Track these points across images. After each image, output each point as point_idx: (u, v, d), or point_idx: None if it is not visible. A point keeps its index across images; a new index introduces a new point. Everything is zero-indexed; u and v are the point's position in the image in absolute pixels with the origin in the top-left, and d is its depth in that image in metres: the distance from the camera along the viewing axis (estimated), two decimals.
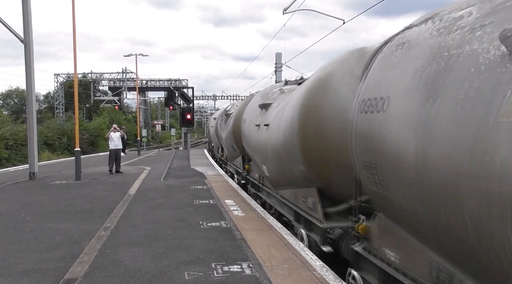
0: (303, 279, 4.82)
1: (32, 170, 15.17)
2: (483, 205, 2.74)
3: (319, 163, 6.42)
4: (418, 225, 3.69)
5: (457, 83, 3.10)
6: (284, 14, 16.34)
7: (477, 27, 3.21)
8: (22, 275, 5.08)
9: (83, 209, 9.30)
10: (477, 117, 2.80)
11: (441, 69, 3.34)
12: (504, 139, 2.55)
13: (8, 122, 32.09)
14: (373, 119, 4.20)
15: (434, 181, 3.19)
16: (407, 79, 3.76)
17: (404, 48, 4.14)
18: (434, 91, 3.32)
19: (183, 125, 38.00)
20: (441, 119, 3.16)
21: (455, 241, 3.19)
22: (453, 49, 3.33)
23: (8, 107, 58.33)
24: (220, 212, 8.73)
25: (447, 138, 3.05)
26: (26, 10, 15.00)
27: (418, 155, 3.39)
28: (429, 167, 3.24)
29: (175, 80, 52.29)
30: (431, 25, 3.92)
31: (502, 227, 2.59)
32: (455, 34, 3.44)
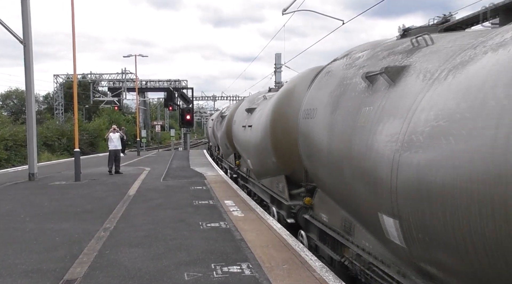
0: (302, 279, 4.82)
1: (31, 170, 15.16)
2: (352, 174, 4.59)
3: (286, 156, 8.13)
4: (332, 192, 5.72)
5: (346, 102, 4.97)
6: (283, 15, 16.35)
7: (361, 67, 4.99)
8: (22, 276, 5.08)
9: (82, 209, 9.30)
10: (352, 122, 4.63)
11: (341, 92, 5.22)
12: (360, 135, 4.36)
13: (7, 123, 32.08)
14: (308, 123, 6.10)
15: (334, 162, 5.13)
16: (326, 98, 5.64)
17: (327, 75, 6.02)
18: (336, 107, 5.21)
19: (183, 126, 38.00)
20: (337, 124, 5.07)
21: (347, 200, 5.13)
22: (348, 80, 5.17)
23: (7, 108, 58.31)
24: (220, 212, 8.73)
25: (339, 135, 4.94)
26: (25, 11, 15.00)
27: (328, 146, 5.34)
28: (332, 153, 5.19)
29: (175, 80, 52.33)
30: (344, 61, 5.80)
31: (362, 187, 4.38)
32: (351, 70, 5.28)
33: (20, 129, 28.20)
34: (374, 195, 4.04)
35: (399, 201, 3.55)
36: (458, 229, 2.90)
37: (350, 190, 4.78)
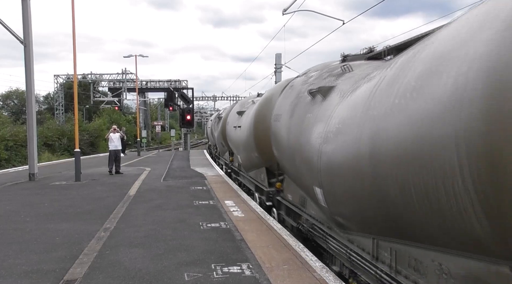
0: (303, 280, 4.81)
1: (32, 171, 15.16)
2: (300, 161, 6.26)
3: (266, 152, 9.37)
4: (292, 176, 7.51)
5: (299, 110, 6.68)
6: (284, 15, 16.36)
7: (311, 84, 6.61)
8: (22, 276, 5.08)
9: (82, 209, 9.30)
10: (300, 125, 6.30)
11: (297, 102, 6.95)
12: (304, 134, 5.99)
13: (8, 123, 32.08)
14: (277, 125, 7.91)
15: (291, 154, 6.84)
16: (288, 106, 7.41)
17: (290, 88, 7.86)
18: (293, 113, 6.95)
19: (183, 126, 37.96)
20: (292, 126, 6.79)
21: (299, 181, 6.82)
22: (301, 93, 6.85)
23: (8, 108, 58.33)
24: (220, 213, 8.73)
25: (293, 134, 6.63)
26: (25, 11, 15.01)
27: (287, 142, 7.08)
28: (290, 148, 6.91)
29: (175, 81, 52.35)
30: (302, 78, 7.59)
31: (305, 170, 6.04)
32: (305, 85, 6.93)
33: (21, 130, 28.22)
34: (311, 174, 5.77)
35: (322, 176, 5.32)
36: (348, 191, 4.69)
37: (300, 173, 6.57)
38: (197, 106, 68.15)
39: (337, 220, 5.49)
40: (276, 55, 26.24)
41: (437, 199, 3.06)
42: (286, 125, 7.25)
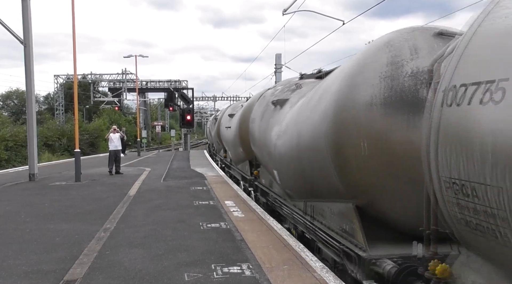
0: (303, 280, 4.81)
1: (32, 171, 15.16)
2: (266, 153, 8.91)
3: (248, 148, 11.51)
4: (263, 165, 10.00)
5: (267, 115, 9.11)
6: (284, 15, 16.36)
7: (276, 96, 9.03)
8: (22, 277, 5.07)
9: (82, 210, 9.30)
10: (266, 126, 8.87)
11: (265, 110, 9.35)
12: (268, 133, 8.59)
13: (8, 123, 32.07)
14: (252, 126, 10.36)
15: (261, 148, 9.43)
16: (260, 112, 9.82)
17: (263, 98, 10.17)
18: (262, 117, 9.41)
19: (183, 127, 37.89)
20: (262, 127, 9.24)
21: (267, 167, 9.45)
22: (269, 103, 9.13)
23: (8, 109, 58.32)
24: (220, 213, 8.73)
25: (263, 133, 9.07)
26: (25, 11, 15.01)
27: (258, 140, 9.67)
28: (260, 143, 9.46)
29: (175, 81, 52.33)
30: (272, 90, 10.03)
31: (268, 158, 8.89)
32: (272, 97, 9.28)
33: (21, 130, 28.21)
34: (271, 161, 8.50)
35: (276, 162, 8.00)
36: (288, 172, 7.45)
37: (266, 161, 9.31)
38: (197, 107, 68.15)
39: (287, 192, 8.18)
40: (276, 56, 26.22)
41: (322, 171, 5.76)
42: (258, 127, 9.78)
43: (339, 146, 5.10)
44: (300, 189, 7.10)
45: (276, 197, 9.17)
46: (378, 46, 5.04)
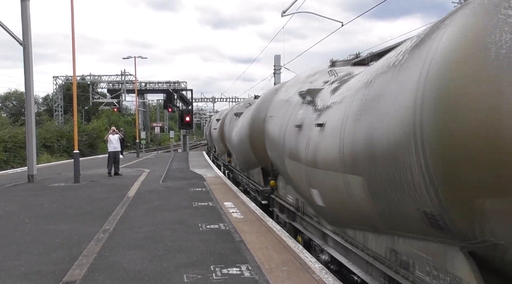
0: (302, 281, 4.82)
1: (30, 172, 15.15)
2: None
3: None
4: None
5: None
6: (283, 16, 16.38)
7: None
8: (21, 278, 5.07)
9: (82, 211, 9.29)
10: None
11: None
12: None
13: (7, 124, 32.06)
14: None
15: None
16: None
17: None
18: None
19: (182, 128, 37.99)
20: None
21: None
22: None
23: (7, 110, 58.33)
24: (219, 214, 8.73)
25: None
26: (25, 12, 15.01)
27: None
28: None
29: (174, 82, 52.32)
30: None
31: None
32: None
33: (20, 131, 28.16)
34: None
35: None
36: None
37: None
38: (196, 108, 68.19)
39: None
40: (275, 57, 26.25)
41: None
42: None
43: None
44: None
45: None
46: None
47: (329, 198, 5.39)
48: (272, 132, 8.27)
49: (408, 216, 3.57)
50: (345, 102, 4.84)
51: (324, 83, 6.57)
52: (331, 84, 6.11)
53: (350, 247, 5.21)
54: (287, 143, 7.02)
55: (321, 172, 5.33)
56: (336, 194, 5.07)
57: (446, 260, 3.31)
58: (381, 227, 4.33)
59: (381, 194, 3.90)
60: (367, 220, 4.52)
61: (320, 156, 5.29)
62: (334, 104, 5.25)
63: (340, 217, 5.45)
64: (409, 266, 3.83)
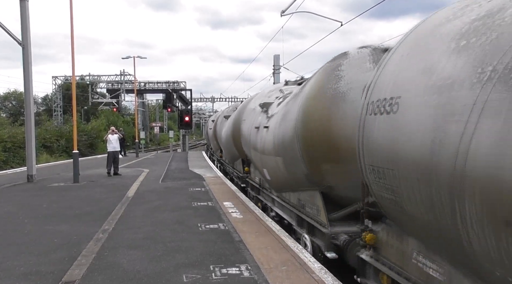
0: (301, 281, 4.82)
1: (30, 172, 15.14)
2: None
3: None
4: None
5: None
6: (282, 16, 16.38)
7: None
8: (20, 278, 5.07)
9: (81, 211, 9.29)
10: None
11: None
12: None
13: (6, 124, 32.03)
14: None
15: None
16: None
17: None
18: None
19: (182, 128, 38.00)
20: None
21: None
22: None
23: (6, 110, 58.26)
24: (219, 214, 8.73)
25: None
26: (24, 13, 15.00)
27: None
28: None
29: (173, 82, 52.29)
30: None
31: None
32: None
33: (19, 131, 28.15)
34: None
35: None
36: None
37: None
38: (195, 108, 68.15)
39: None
40: (275, 57, 26.23)
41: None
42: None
43: None
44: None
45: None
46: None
47: (272, 173, 8.56)
48: (244, 132, 11.19)
49: (299, 178, 6.87)
50: (278, 113, 7.90)
51: (275, 98, 9.43)
52: (279, 99, 8.98)
53: (284, 204, 8.40)
54: (252, 138, 9.95)
55: (266, 157, 8.56)
56: (274, 170, 8.24)
57: (314, 198, 6.58)
58: (292, 187, 7.54)
59: (288, 167, 7.18)
60: (287, 183, 7.78)
61: (266, 147, 8.47)
62: (275, 114, 8.25)
63: (278, 184, 8.61)
64: (305, 206, 7.10)
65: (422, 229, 3.34)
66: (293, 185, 7.47)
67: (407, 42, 3.76)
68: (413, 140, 3.09)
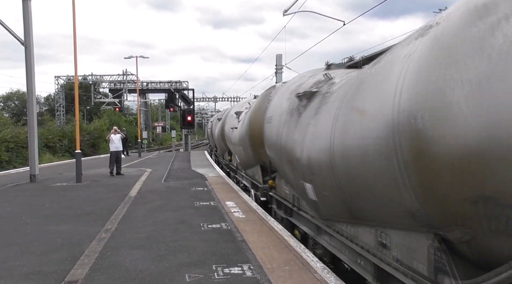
0: (304, 281, 4.81)
1: (33, 172, 15.17)
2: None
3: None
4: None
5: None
6: (284, 16, 16.36)
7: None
8: (23, 278, 5.07)
9: (83, 211, 9.30)
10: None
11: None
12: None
13: (9, 124, 32.05)
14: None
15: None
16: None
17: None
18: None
19: (184, 127, 37.98)
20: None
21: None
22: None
23: (8, 110, 58.31)
24: (221, 213, 8.72)
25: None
26: (26, 13, 15.02)
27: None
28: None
29: (176, 82, 52.34)
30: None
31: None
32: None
33: (22, 131, 28.20)
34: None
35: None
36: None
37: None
38: (197, 107, 68.18)
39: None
40: (277, 56, 26.18)
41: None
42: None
43: None
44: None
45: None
46: None
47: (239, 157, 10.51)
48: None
49: (250, 158, 11.34)
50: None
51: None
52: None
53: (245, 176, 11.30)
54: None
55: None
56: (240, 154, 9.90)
57: (257, 169, 11.09)
58: (248, 164, 10.84)
59: (245, 152, 11.04)
60: (247, 162, 10.67)
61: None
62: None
63: (243, 164, 11.08)
64: (254, 175, 11.51)
65: (286, 175, 7.27)
66: (247, 163, 11.71)
67: (278, 93, 8.54)
68: (277, 136, 7.31)
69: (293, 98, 6.97)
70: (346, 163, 4.38)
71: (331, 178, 4.86)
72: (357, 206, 4.51)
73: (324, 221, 6.01)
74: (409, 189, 3.31)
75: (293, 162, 6.36)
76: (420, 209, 3.31)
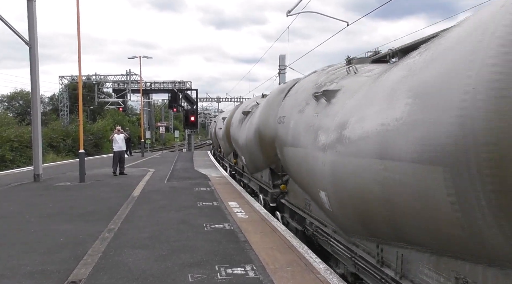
0: (306, 281, 4.80)
1: (36, 171, 15.22)
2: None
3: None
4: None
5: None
6: (288, 16, 16.36)
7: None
8: (26, 277, 5.09)
9: (87, 210, 9.32)
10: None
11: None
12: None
13: (13, 124, 32.17)
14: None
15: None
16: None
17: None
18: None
19: (187, 127, 38.02)
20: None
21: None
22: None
23: (13, 110, 58.53)
24: (224, 214, 8.72)
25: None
26: (31, 13, 15.09)
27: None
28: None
29: (179, 82, 52.37)
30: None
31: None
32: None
33: (26, 131, 28.28)
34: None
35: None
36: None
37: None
38: (201, 108, 68.27)
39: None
40: (280, 57, 26.20)
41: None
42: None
43: None
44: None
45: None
46: None
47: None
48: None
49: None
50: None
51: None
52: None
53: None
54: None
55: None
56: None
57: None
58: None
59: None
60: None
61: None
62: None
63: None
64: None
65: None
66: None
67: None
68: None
69: (241, 114, 7.98)
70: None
71: None
72: None
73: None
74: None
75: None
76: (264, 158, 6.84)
